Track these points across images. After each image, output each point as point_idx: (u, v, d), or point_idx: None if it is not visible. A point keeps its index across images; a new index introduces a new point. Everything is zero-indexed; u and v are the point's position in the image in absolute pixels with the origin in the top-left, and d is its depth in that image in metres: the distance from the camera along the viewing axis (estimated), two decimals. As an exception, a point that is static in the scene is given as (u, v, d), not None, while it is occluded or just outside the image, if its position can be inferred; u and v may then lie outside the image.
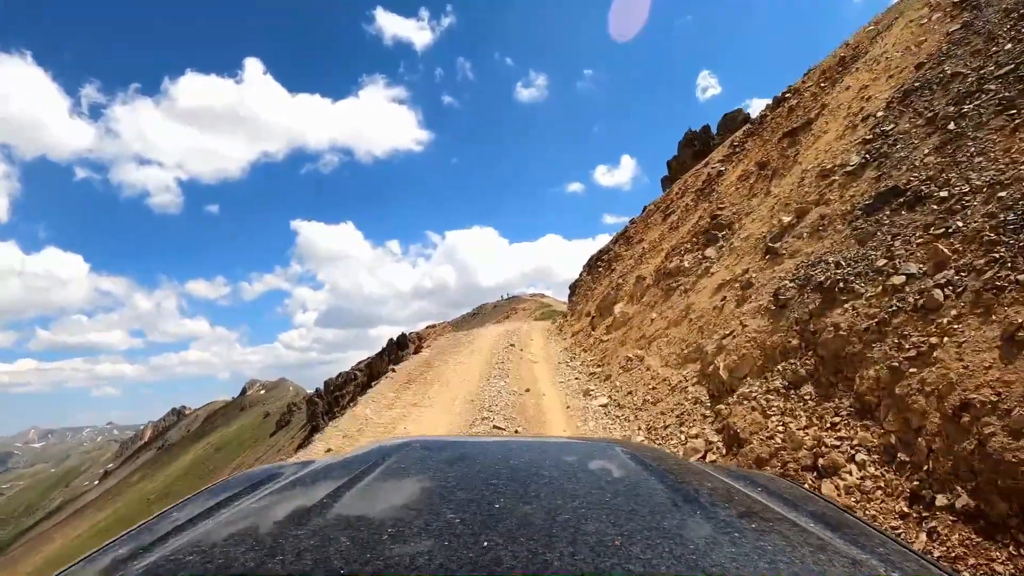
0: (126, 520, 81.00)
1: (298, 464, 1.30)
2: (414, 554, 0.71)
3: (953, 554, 2.90)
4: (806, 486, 1.95)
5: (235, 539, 0.81)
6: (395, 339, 79.71)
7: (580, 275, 27.92)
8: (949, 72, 6.19)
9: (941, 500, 3.22)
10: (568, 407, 8.41)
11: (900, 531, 3.23)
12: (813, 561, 0.74)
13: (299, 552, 0.73)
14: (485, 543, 0.74)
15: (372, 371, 77.63)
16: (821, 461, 4.10)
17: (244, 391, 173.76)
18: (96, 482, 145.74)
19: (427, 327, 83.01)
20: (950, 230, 4.42)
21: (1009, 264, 3.70)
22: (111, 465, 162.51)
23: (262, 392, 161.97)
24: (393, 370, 11.50)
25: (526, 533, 0.77)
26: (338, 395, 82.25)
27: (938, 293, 4.02)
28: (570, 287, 30.17)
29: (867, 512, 3.46)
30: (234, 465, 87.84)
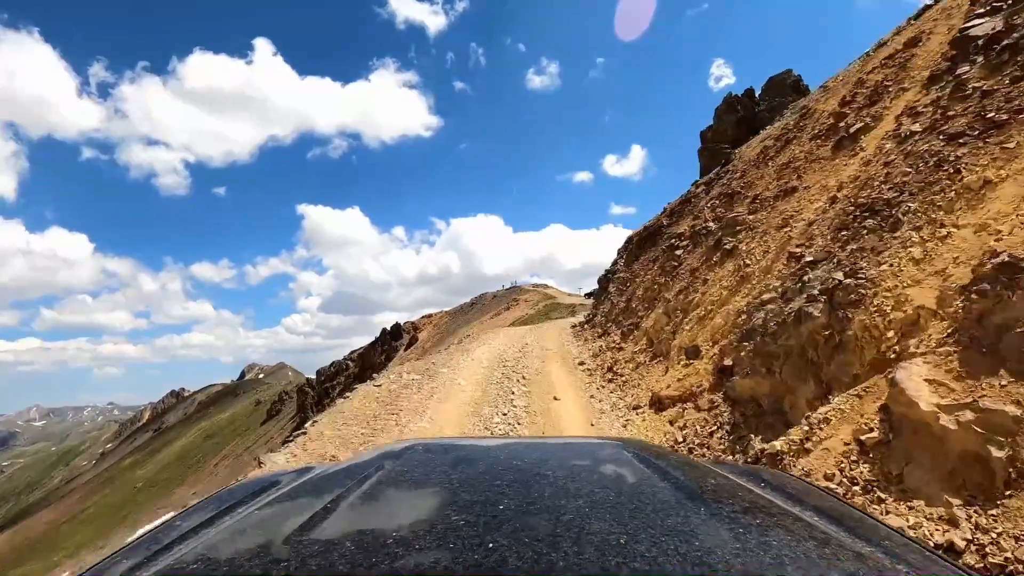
0: (114, 507, 74.22)
1: (301, 469, 1.24)
2: (419, 557, 0.69)
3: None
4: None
5: (240, 546, 0.79)
6: (388, 329, 71.24)
7: (615, 265, 18.03)
8: None
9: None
10: None
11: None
12: (818, 555, 0.71)
13: (304, 558, 0.70)
14: (490, 544, 0.71)
15: (364, 362, 69.31)
16: None
17: (243, 375, 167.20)
18: (93, 462, 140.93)
19: (422, 317, 74.52)
20: None
21: None
22: (109, 446, 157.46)
23: (261, 376, 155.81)
24: None
25: (531, 534, 0.74)
26: (328, 386, 74.17)
27: None
28: (599, 281, 20.32)
29: None
30: (223, 454, 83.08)
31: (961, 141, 5.12)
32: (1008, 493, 2.63)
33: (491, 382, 8.42)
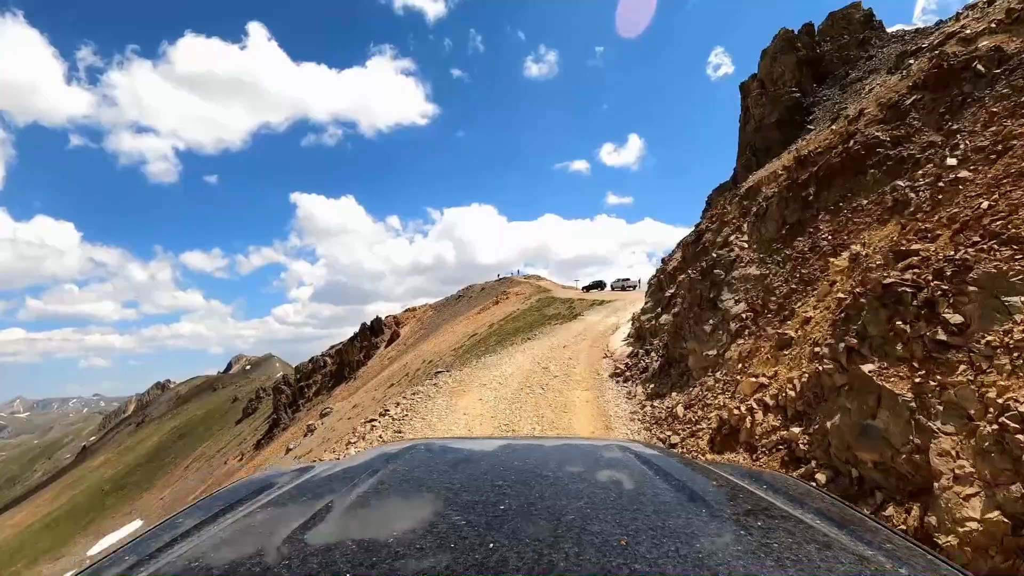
0: (79, 512, 68.53)
1: (301, 469, 1.22)
2: (420, 557, 0.68)
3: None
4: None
5: (240, 546, 0.77)
6: (369, 324, 62.26)
7: (727, 251, 9.15)
8: None
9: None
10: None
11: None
12: (820, 558, 0.70)
13: (304, 557, 0.69)
14: (491, 545, 0.70)
15: (342, 359, 60.44)
16: None
17: (230, 366, 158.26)
18: (75, 456, 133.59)
19: (405, 311, 64.81)
20: None
21: None
22: (93, 438, 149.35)
23: (248, 368, 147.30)
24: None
25: (532, 534, 0.73)
26: (304, 385, 65.46)
27: None
28: (658, 278, 11.34)
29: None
30: (195, 455, 76.39)
31: None
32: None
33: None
